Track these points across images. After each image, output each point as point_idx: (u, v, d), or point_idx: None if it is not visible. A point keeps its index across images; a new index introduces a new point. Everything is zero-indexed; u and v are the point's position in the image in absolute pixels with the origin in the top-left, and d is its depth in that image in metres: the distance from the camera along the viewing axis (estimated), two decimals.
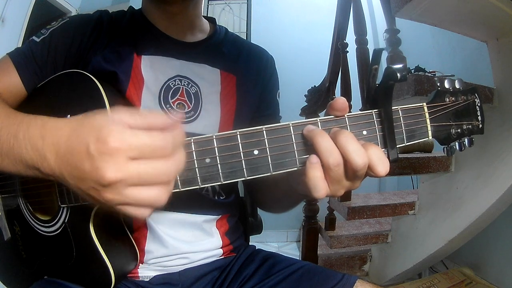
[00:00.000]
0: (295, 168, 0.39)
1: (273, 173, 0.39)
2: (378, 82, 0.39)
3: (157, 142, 0.32)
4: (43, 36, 0.59)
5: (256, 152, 0.38)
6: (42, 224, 0.54)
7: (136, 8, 0.69)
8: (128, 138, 0.31)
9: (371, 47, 1.32)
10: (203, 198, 0.63)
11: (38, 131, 0.37)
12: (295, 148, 0.39)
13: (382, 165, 0.36)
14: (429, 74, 1.50)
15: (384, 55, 1.39)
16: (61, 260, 0.53)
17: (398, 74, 0.36)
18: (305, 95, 1.74)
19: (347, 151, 0.36)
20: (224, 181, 0.39)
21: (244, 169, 0.39)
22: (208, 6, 3.02)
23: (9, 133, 0.40)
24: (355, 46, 1.36)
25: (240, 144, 0.38)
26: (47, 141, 0.36)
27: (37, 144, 0.37)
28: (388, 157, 0.39)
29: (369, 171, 0.37)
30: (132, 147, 0.31)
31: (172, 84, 0.62)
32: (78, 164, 0.32)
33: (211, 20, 0.75)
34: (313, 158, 0.36)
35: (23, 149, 0.38)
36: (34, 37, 0.60)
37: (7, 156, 0.40)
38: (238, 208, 0.74)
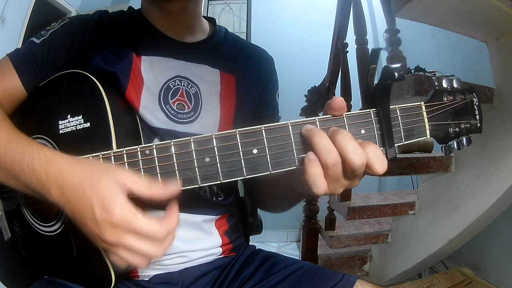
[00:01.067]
0: (294, 167, 0.39)
1: (272, 172, 0.39)
2: (376, 81, 0.39)
3: (151, 231, 0.38)
4: (43, 38, 0.59)
5: (255, 151, 0.39)
6: (42, 224, 0.54)
7: (135, 8, 0.69)
8: (129, 217, 0.37)
9: (371, 47, 1.32)
10: (201, 198, 0.64)
11: (42, 167, 0.41)
12: (293, 147, 0.39)
13: (380, 163, 0.37)
14: (429, 74, 1.50)
15: (384, 55, 1.39)
16: (61, 260, 0.53)
17: (396, 73, 0.36)
18: (305, 95, 1.74)
19: (345, 150, 0.36)
20: (223, 180, 0.39)
21: (244, 168, 0.39)
22: (208, 6, 3.02)
23: (13, 160, 0.43)
24: (355, 46, 1.37)
25: (239, 143, 0.39)
26: (52, 181, 0.40)
27: (41, 179, 0.41)
28: (386, 156, 0.39)
29: (367, 170, 0.37)
30: (130, 227, 0.37)
31: (172, 84, 0.62)
32: (82, 217, 0.39)
33: (211, 20, 0.75)
34: (311, 155, 0.37)
35: (28, 179, 0.42)
36: (34, 38, 0.60)
37: (14, 180, 0.44)
38: (238, 208, 0.74)
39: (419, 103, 0.42)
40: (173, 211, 0.41)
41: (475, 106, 0.44)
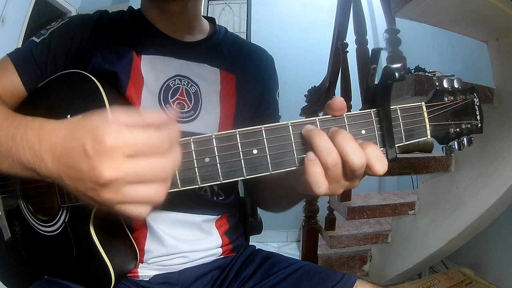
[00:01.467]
0: (294, 167, 0.39)
1: (272, 172, 0.39)
2: (376, 81, 0.39)
3: (153, 139, 0.32)
4: (43, 37, 0.59)
5: (255, 151, 0.39)
6: (42, 224, 0.54)
7: (135, 8, 0.69)
8: (124, 136, 0.31)
9: (371, 47, 1.32)
10: (202, 198, 0.64)
11: (35, 133, 0.37)
12: (294, 148, 0.39)
13: (380, 164, 0.37)
14: (429, 74, 1.50)
15: (384, 55, 1.39)
16: (61, 260, 0.53)
17: (396, 74, 0.36)
18: (305, 95, 1.74)
19: (345, 151, 0.36)
20: (223, 180, 0.39)
21: (243, 169, 0.39)
22: (208, 6, 3.02)
23: (7, 135, 0.40)
24: (355, 46, 1.37)
25: (239, 144, 0.39)
26: (44, 143, 0.36)
27: (34, 147, 0.37)
28: (387, 156, 0.39)
29: (368, 170, 0.37)
30: (128, 145, 0.31)
31: (171, 83, 0.62)
32: (75, 165, 0.33)
33: (211, 20, 0.75)
34: (311, 155, 0.37)
35: (21, 151, 0.38)
36: (34, 38, 0.60)
37: (5, 157, 0.41)
38: (238, 208, 0.74)
39: (420, 103, 0.42)
40: (168, 119, 0.34)
41: (475, 106, 0.44)
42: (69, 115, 0.50)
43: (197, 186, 0.39)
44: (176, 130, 0.34)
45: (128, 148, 0.31)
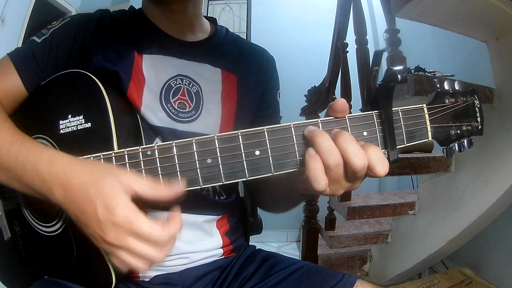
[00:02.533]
0: (296, 169, 0.39)
1: (274, 173, 0.39)
2: (378, 83, 0.39)
3: (153, 234, 0.37)
4: (44, 37, 0.59)
5: (257, 152, 0.39)
6: (43, 224, 0.54)
7: (136, 8, 0.69)
8: (132, 218, 0.37)
9: (371, 47, 1.33)
10: (203, 198, 0.64)
11: (46, 168, 0.41)
12: (296, 149, 0.39)
13: (381, 165, 0.37)
14: (429, 74, 1.50)
15: (384, 55, 1.39)
16: (61, 260, 0.53)
17: (399, 76, 0.36)
18: (305, 95, 1.74)
19: (347, 152, 0.36)
20: (225, 181, 0.39)
21: (246, 170, 0.39)
22: (208, 6, 3.02)
23: (17, 161, 0.43)
24: (355, 46, 1.36)
25: (241, 145, 0.39)
26: (55, 181, 0.40)
27: (45, 179, 0.41)
28: (388, 158, 0.39)
29: (369, 172, 0.37)
30: (132, 228, 0.37)
31: (173, 83, 0.62)
32: (85, 218, 0.38)
33: (212, 20, 0.74)
34: (312, 151, 0.37)
35: (31, 179, 0.42)
36: (34, 37, 0.60)
37: (17, 181, 0.44)
38: (238, 208, 0.74)
39: (421, 105, 0.42)
40: (176, 215, 0.41)
41: (476, 108, 0.44)
42: (69, 115, 0.50)
43: (199, 187, 0.39)
44: (179, 225, 0.40)
45: (131, 230, 0.37)
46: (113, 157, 0.42)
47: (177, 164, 0.40)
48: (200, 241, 0.63)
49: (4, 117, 0.51)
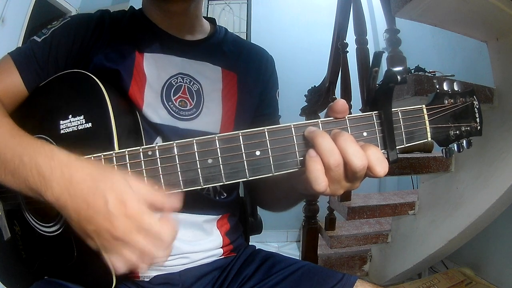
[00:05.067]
0: (296, 169, 0.40)
1: (275, 173, 0.39)
2: (377, 83, 0.40)
3: (162, 232, 0.37)
4: (44, 36, 0.59)
5: (258, 153, 0.39)
6: (43, 224, 0.54)
7: (136, 8, 0.69)
8: (144, 212, 0.37)
9: (371, 47, 1.33)
10: (204, 198, 0.64)
11: (47, 161, 0.39)
12: (296, 149, 0.39)
13: (380, 166, 0.37)
14: (429, 74, 1.50)
15: (384, 56, 1.39)
16: (61, 260, 0.53)
17: (398, 77, 0.36)
18: (305, 95, 1.74)
19: (347, 153, 0.36)
20: (226, 181, 0.39)
21: (246, 170, 0.39)
22: (208, 6, 3.02)
23: (14, 153, 0.41)
24: (355, 46, 1.36)
25: (242, 145, 0.39)
26: (56, 174, 0.38)
27: (44, 173, 0.39)
28: (388, 158, 0.40)
29: (368, 172, 0.37)
30: (143, 223, 0.36)
31: (174, 81, 0.62)
32: (91, 211, 0.37)
33: (211, 21, 0.75)
34: (312, 152, 0.37)
35: (29, 174, 0.40)
36: (35, 37, 0.60)
37: (11, 175, 0.42)
38: (238, 207, 0.74)
39: (420, 106, 0.42)
40: (169, 216, 0.40)
41: (475, 109, 0.44)
42: (70, 115, 0.50)
43: (199, 187, 0.40)
44: (176, 225, 0.39)
45: (142, 223, 0.36)
46: (114, 157, 0.42)
47: (178, 164, 0.40)
48: (200, 240, 0.63)
49: (4, 113, 0.50)
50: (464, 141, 0.44)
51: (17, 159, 0.41)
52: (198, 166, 0.39)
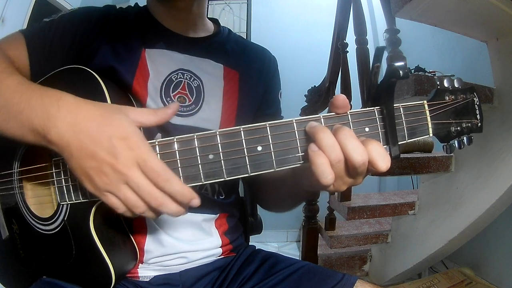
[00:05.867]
0: (298, 164, 0.39)
1: (277, 169, 0.39)
2: (379, 80, 0.39)
3: (161, 166, 0.37)
4: (52, 18, 0.61)
5: (259, 148, 0.39)
6: (41, 222, 0.54)
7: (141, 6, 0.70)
8: (146, 146, 0.38)
9: (371, 47, 1.33)
10: (202, 197, 0.63)
11: (54, 101, 0.40)
12: (298, 145, 0.39)
13: (382, 160, 0.36)
14: (429, 74, 1.50)
15: (384, 55, 1.39)
16: (60, 259, 0.53)
17: (401, 72, 0.36)
18: (305, 95, 1.74)
19: (346, 148, 0.36)
20: (227, 177, 0.39)
21: (248, 165, 0.39)
22: (208, 6, 3.02)
23: (21, 97, 0.42)
24: (355, 46, 1.37)
25: (243, 140, 0.39)
26: (62, 113, 0.39)
27: (49, 112, 0.40)
28: (390, 154, 0.39)
29: (370, 167, 0.37)
30: (143, 156, 0.37)
31: (174, 77, 0.62)
32: (94, 146, 0.38)
33: (215, 21, 0.76)
34: (314, 146, 0.37)
35: (33, 113, 0.41)
36: (45, 19, 0.61)
37: (14, 118, 0.42)
38: (238, 209, 0.74)
39: (422, 101, 0.42)
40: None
41: (475, 105, 0.44)
42: None
43: (200, 183, 0.39)
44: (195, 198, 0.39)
45: (142, 155, 0.37)
46: None
47: (178, 160, 0.40)
48: (198, 240, 0.63)
49: (15, 71, 0.50)
50: (465, 137, 0.44)
51: (23, 102, 0.42)
52: (199, 162, 0.39)
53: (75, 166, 0.40)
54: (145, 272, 0.60)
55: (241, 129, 0.39)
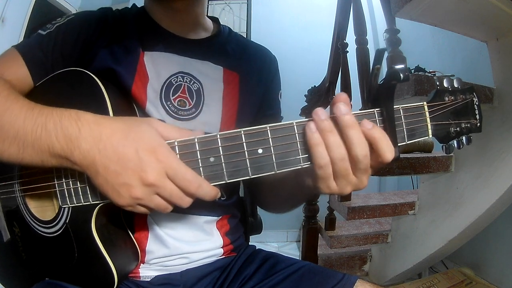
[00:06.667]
0: (299, 167, 0.40)
1: (277, 171, 0.39)
2: (379, 81, 0.40)
3: (190, 176, 0.38)
4: (49, 30, 0.59)
5: (260, 150, 0.39)
6: (43, 225, 0.54)
7: (139, 6, 0.69)
8: (174, 157, 0.39)
9: (371, 47, 1.33)
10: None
11: (73, 123, 0.40)
12: (299, 147, 0.39)
13: (388, 149, 0.38)
14: (429, 74, 1.50)
15: (384, 55, 1.38)
16: (62, 261, 0.53)
17: (401, 75, 0.36)
18: (305, 95, 1.74)
19: (349, 141, 0.37)
20: (228, 180, 0.39)
21: (249, 168, 0.39)
22: (208, 6, 3.02)
23: (35, 123, 0.41)
24: (355, 46, 1.36)
25: (244, 143, 0.39)
26: (84, 133, 0.39)
27: (70, 134, 0.40)
28: None
29: (376, 157, 0.38)
30: (172, 166, 0.38)
31: (174, 80, 0.61)
32: (122, 162, 0.38)
33: (215, 20, 0.74)
34: (312, 126, 0.38)
35: (53, 138, 0.40)
36: (40, 31, 0.59)
37: (31, 146, 0.41)
38: (239, 210, 0.74)
39: (421, 103, 0.42)
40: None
41: (475, 105, 0.44)
42: None
43: None
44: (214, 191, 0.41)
45: (171, 166, 0.38)
46: None
47: None
48: (200, 241, 0.63)
49: (18, 94, 0.49)
50: (464, 137, 0.44)
51: (39, 128, 0.41)
52: (200, 165, 0.39)
53: (102, 183, 0.40)
54: (146, 272, 0.60)
55: (242, 132, 0.39)
